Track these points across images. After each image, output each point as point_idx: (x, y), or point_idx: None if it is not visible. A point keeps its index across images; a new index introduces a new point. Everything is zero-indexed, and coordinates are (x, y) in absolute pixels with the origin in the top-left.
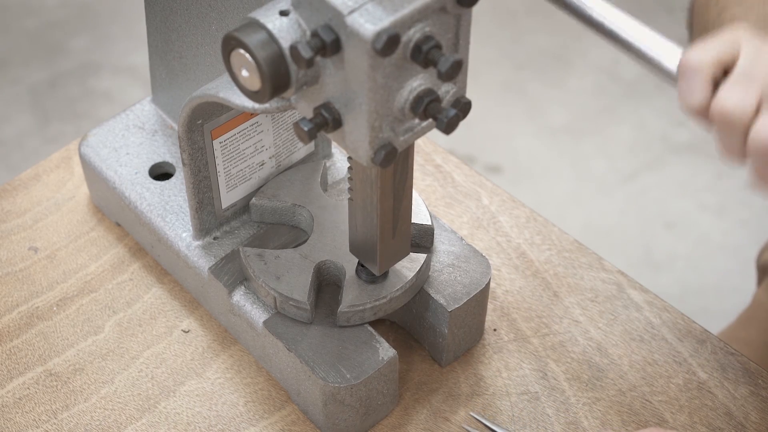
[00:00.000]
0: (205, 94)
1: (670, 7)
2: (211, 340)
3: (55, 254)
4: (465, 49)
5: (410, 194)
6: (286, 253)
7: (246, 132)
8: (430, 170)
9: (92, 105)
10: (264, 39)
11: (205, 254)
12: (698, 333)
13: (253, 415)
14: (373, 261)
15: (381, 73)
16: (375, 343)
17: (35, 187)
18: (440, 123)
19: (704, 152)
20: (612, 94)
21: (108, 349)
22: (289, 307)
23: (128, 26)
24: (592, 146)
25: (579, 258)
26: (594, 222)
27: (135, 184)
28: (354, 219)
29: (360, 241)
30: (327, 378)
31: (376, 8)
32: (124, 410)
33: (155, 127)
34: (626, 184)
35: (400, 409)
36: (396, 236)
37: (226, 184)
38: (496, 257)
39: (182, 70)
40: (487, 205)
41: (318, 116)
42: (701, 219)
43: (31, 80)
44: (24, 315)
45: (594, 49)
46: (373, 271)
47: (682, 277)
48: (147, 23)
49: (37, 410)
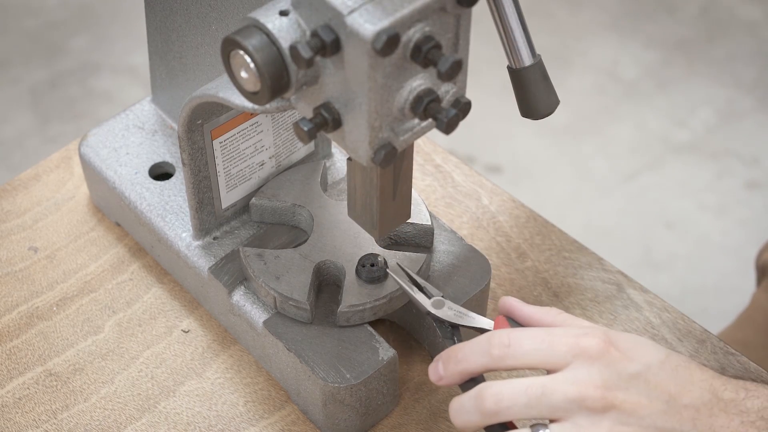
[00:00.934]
0: (205, 94)
1: (670, 7)
2: (211, 340)
3: (55, 254)
4: (465, 49)
5: (411, 154)
6: (286, 253)
7: (246, 132)
8: (430, 170)
9: (92, 105)
10: (263, 42)
11: (205, 254)
12: (698, 333)
13: (253, 415)
14: (372, 225)
15: (381, 73)
16: (375, 343)
17: (35, 187)
18: (440, 123)
19: (704, 152)
20: (612, 94)
21: (108, 349)
22: (289, 307)
23: (128, 26)
24: (592, 146)
25: (579, 258)
26: (594, 222)
27: (135, 184)
28: (352, 179)
29: (359, 204)
30: (327, 378)
31: (376, 8)
32: (124, 410)
33: (155, 127)
34: (626, 184)
35: (400, 409)
36: (396, 197)
37: (226, 184)
38: (496, 257)
39: (182, 70)
40: (487, 205)
41: (318, 116)
42: (701, 219)
43: (31, 80)
44: (24, 315)
45: (594, 49)
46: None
47: (682, 277)
48: (147, 23)
49: (37, 410)
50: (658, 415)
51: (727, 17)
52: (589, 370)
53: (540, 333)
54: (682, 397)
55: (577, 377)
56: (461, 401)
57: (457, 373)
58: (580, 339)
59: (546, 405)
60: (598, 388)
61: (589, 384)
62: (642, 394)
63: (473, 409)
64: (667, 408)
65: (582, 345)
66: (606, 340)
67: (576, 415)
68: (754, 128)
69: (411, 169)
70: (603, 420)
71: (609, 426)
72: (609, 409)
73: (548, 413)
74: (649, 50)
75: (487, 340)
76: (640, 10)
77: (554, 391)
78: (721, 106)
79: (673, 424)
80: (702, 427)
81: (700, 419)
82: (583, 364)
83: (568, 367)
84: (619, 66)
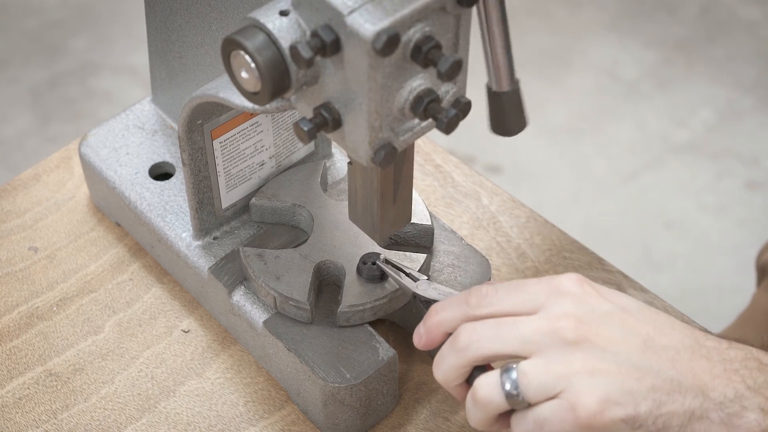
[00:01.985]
0: (205, 94)
1: (670, 7)
2: (211, 340)
3: (55, 254)
4: (465, 49)
5: (411, 158)
6: (286, 253)
7: (246, 132)
8: (430, 170)
9: (92, 105)
10: (264, 42)
11: (205, 254)
12: None
13: (253, 415)
14: (372, 228)
15: (381, 73)
16: (375, 343)
17: (35, 187)
18: (440, 123)
19: (704, 152)
20: (612, 94)
21: (108, 349)
22: (289, 307)
23: (128, 26)
24: (592, 146)
25: (579, 258)
26: (594, 222)
27: (135, 184)
28: (353, 183)
29: (359, 208)
30: (327, 378)
31: (376, 8)
32: (124, 410)
33: (155, 127)
34: (626, 184)
35: (400, 409)
36: (397, 201)
37: (226, 184)
38: (496, 257)
39: (182, 70)
40: (487, 205)
41: (318, 116)
42: (701, 219)
43: (31, 80)
44: (24, 315)
45: (594, 49)
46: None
47: (682, 277)
48: (147, 23)
49: (37, 410)
50: (634, 352)
51: (727, 17)
52: (562, 305)
53: (516, 282)
54: (660, 338)
55: (551, 313)
56: (441, 350)
57: (435, 326)
58: (554, 280)
59: (516, 337)
60: (571, 320)
61: (563, 316)
62: (617, 329)
63: (448, 350)
64: (644, 347)
65: (555, 283)
66: (581, 279)
67: (548, 348)
68: (754, 128)
69: (411, 173)
70: (576, 352)
71: (582, 359)
72: (582, 341)
73: (519, 347)
74: (649, 50)
75: (465, 292)
76: (640, 10)
77: (526, 323)
78: (721, 106)
79: (651, 363)
80: (682, 368)
81: (680, 361)
82: (556, 301)
83: (543, 308)
84: (619, 66)
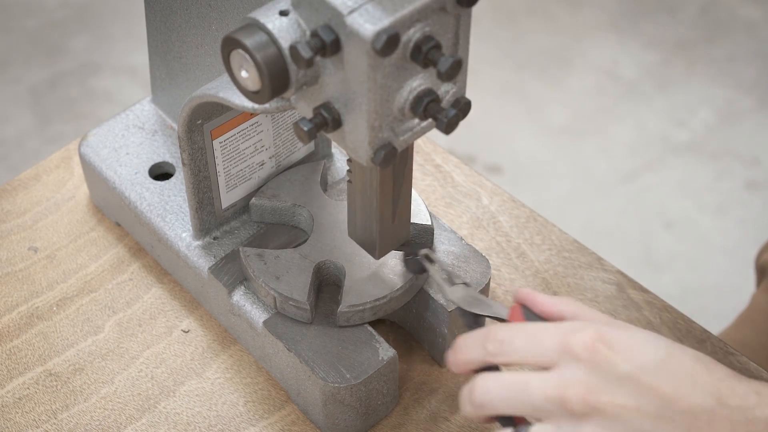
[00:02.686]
0: (205, 94)
1: (670, 7)
2: (211, 340)
3: (55, 254)
4: (465, 49)
5: (410, 176)
6: (285, 253)
7: (246, 132)
8: (430, 170)
9: (92, 105)
10: (263, 40)
11: (205, 254)
12: (698, 333)
13: (253, 415)
14: (372, 246)
15: (381, 73)
16: (375, 343)
17: (35, 187)
18: (440, 123)
19: (704, 152)
20: (612, 94)
21: (108, 349)
22: (288, 307)
23: (128, 26)
24: (592, 146)
25: (579, 258)
26: (594, 222)
27: (135, 184)
28: (353, 203)
29: (359, 227)
30: (327, 378)
31: (375, 8)
32: (124, 410)
33: (155, 127)
34: (626, 184)
35: (400, 409)
36: (396, 220)
37: (226, 184)
38: (496, 257)
39: (182, 70)
40: (487, 205)
41: (318, 116)
42: (701, 219)
43: (31, 80)
44: (24, 315)
45: (594, 49)
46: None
47: (682, 277)
48: (147, 23)
49: (37, 410)
50: (647, 419)
51: (727, 17)
52: (574, 370)
53: (533, 329)
54: (678, 402)
55: (561, 377)
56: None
57: (461, 363)
58: (568, 336)
59: (527, 403)
60: (581, 390)
61: (571, 385)
62: (630, 396)
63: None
64: (659, 413)
65: (568, 343)
66: (596, 337)
67: (558, 416)
68: (754, 128)
69: (410, 190)
70: (585, 425)
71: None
72: (591, 413)
73: (531, 412)
74: (649, 50)
75: (484, 335)
76: (640, 10)
77: (536, 388)
78: (721, 106)
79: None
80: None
81: (697, 426)
82: (569, 364)
83: (556, 367)
84: (619, 66)
